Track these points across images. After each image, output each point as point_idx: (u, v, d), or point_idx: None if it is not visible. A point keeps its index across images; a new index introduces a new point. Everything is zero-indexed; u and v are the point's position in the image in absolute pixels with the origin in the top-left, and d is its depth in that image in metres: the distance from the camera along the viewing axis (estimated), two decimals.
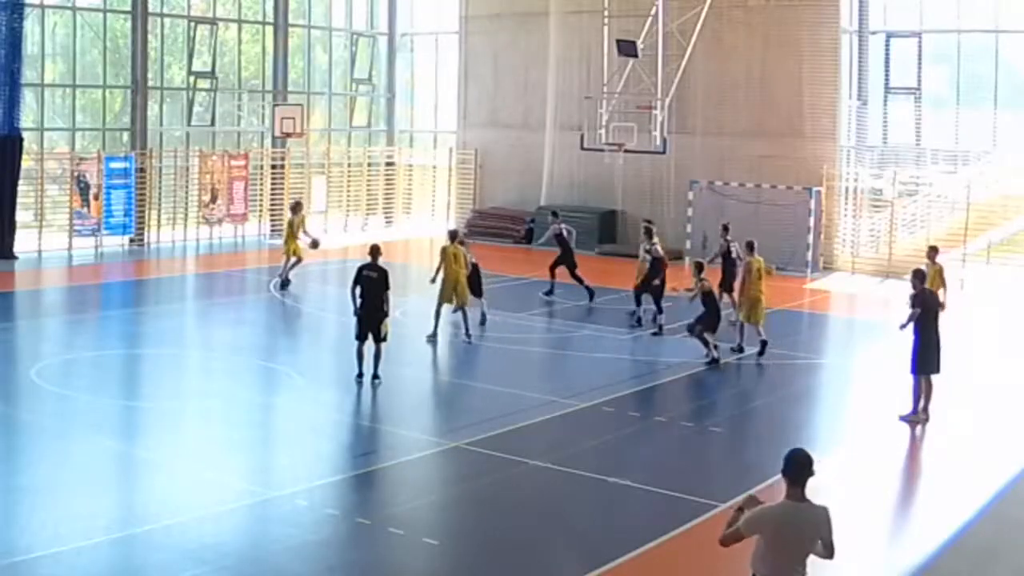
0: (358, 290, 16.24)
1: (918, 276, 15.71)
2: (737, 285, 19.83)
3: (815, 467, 7.24)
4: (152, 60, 31.40)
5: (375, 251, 16.67)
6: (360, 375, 16.25)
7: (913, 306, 15.44)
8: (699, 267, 18.99)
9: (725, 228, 22.43)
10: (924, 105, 30.60)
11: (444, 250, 19.83)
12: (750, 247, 19.60)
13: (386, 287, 16.26)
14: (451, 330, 20.02)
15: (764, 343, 18.97)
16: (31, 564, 9.74)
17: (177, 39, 33.16)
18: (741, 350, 19.20)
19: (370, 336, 16.18)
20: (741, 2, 31.18)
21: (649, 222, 22.86)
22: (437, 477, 13.26)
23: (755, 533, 7.28)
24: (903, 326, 15.59)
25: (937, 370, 15.47)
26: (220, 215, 32.41)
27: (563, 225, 24.32)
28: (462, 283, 19.54)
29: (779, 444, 14.48)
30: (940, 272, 18.97)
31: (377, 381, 16.18)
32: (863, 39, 31.22)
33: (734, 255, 21.29)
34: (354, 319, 16.37)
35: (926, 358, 15.37)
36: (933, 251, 19.59)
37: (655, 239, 21.78)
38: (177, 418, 14.85)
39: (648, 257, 21.49)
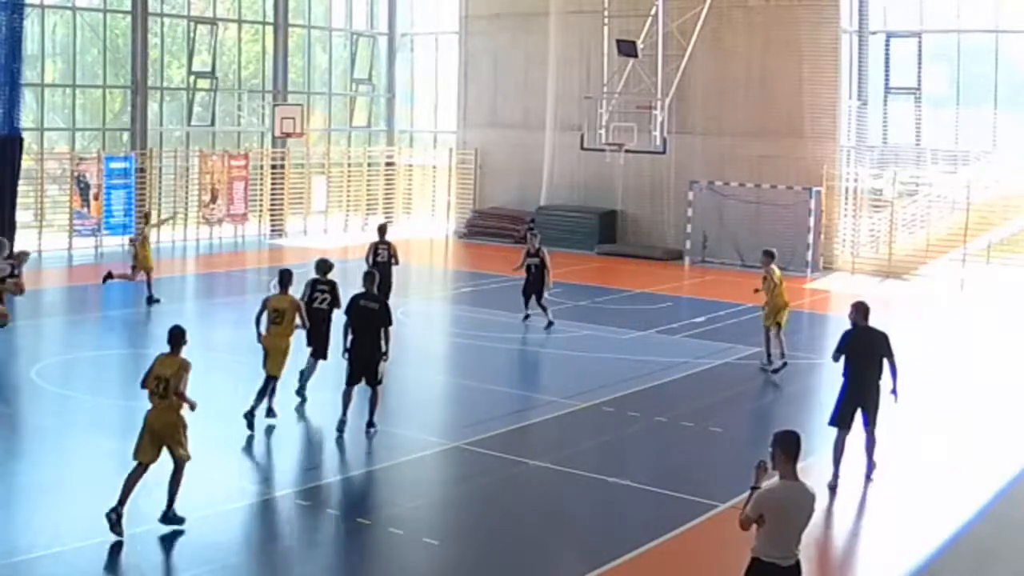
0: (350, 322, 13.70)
1: (859, 310, 12.33)
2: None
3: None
4: (152, 60, 31.41)
5: (370, 279, 14.14)
6: (343, 422, 13.77)
7: (838, 349, 12.32)
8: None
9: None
10: (924, 105, 30.60)
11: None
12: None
13: (388, 322, 13.54)
14: (451, 331, 19.98)
15: None
16: (31, 564, 9.74)
17: (177, 39, 33.16)
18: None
19: (363, 379, 13.68)
20: (741, 2, 31.18)
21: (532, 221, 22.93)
22: (437, 477, 13.26)
23: (761, 515, 7.45)
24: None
25: (847, 428, 12.26)
26: (220, 215, 32.42)
27: None
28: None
29: None
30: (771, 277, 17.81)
31: (372, 430, 13.87)
32: (863, 39, 31.22)
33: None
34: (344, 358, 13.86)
35: (844, 409, 12.34)
36: (768, 256, 18.03)
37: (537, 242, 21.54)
38: None
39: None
